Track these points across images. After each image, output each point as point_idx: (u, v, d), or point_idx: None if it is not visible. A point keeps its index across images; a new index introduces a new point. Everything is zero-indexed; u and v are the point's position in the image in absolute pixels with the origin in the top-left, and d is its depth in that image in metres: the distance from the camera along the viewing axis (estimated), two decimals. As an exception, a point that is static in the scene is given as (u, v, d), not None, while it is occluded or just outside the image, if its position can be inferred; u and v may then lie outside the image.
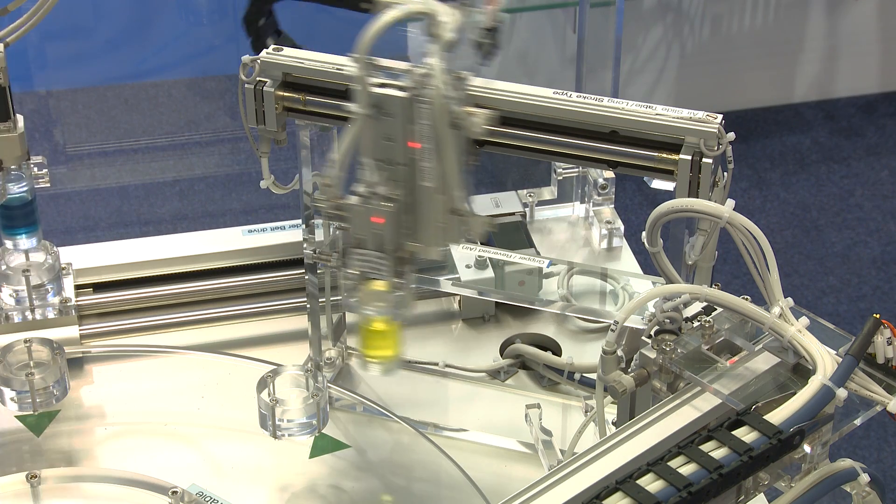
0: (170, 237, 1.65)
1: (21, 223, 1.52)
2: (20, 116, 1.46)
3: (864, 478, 1.05)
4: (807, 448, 1.01)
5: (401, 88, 1.16)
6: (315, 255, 1.40)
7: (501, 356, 1.52)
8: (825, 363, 1.03)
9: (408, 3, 1.14)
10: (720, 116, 1.19)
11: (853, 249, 3.08)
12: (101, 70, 3.23)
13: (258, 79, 1.29)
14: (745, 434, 0.98)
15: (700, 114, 1.20)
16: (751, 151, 3.38)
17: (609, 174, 1.66)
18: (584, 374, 1.46)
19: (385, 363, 1.27)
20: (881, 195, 3.25)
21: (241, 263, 1.62)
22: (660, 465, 0.95)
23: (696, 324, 1.12)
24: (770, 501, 1.04)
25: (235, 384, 1.46)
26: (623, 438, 1.04)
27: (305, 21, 1.49)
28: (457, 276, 1.48)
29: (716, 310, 1.12)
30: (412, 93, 1.16)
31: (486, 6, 1.23)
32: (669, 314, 1.11)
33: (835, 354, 1.04)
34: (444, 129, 1.16)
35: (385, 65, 1.18)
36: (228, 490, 1.35)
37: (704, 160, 1.18)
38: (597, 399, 1.11)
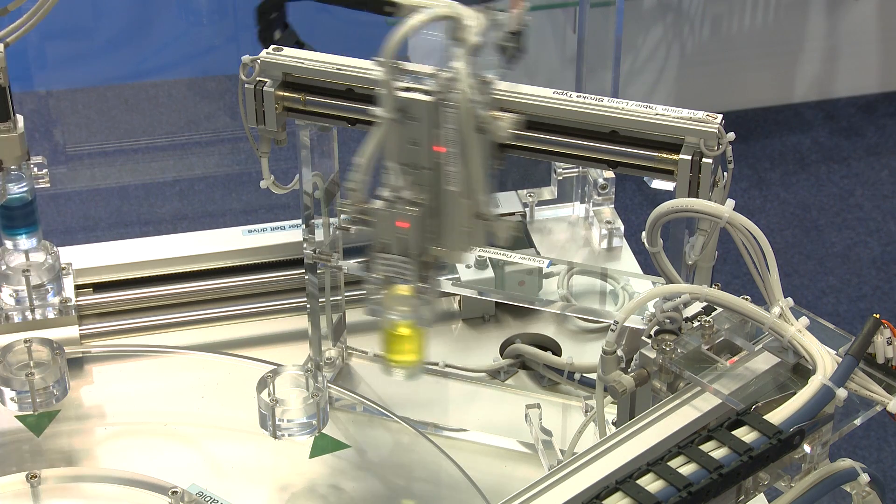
0: (170, 237, 1.65)
1: (21, 223, 1.52)
2: (20, 116, 1.46)
3: (864, 478, 1.05)
4: (807, 448, 1.01)
5: (426, 92, 1.16)
6: (315, 255, 1.40)
7: (501, 356, 1.52)
8: (825, 363, 1.03)
9: (433, 7, 1.13)
10: (720, 116, 1.19)
11: (853, 249, 3.08)
12: (101, 70, 3.23)
13: (258, 79, 1.29)
14: (745, 434, 0.98)
15: (700, 114, 1.20)
16: (751, 151, 3.38)
17: (609, 174, 1.66)
18: (584, 374, 1.46)
19: (408, 368, 1.26)
20: (881, 195, 3.25)
21: (241, 263, 1.62)
22: (660, 465, 0.95)
23: (696, 324, 1.12)
24: (770, 501, 1.04)
25: (235, 384, 1.46)
26: (623, 438, 1.04)
27: (306, 21, 1.49)
28: (457, 276, 1.48)
29: (716, 310, 1.12)
30: (438, 97, 1.15)
31: (511, 9, 1.23)
32: (669, 314, 1.11)
33: (835, 354, 1.04)
34: (470, 133, 1.15)
35: (410, 69, 1.17)
36: (228, 490, 1.35)
37: (704, 160, 1.18)
38: (597, 399, 1.11)
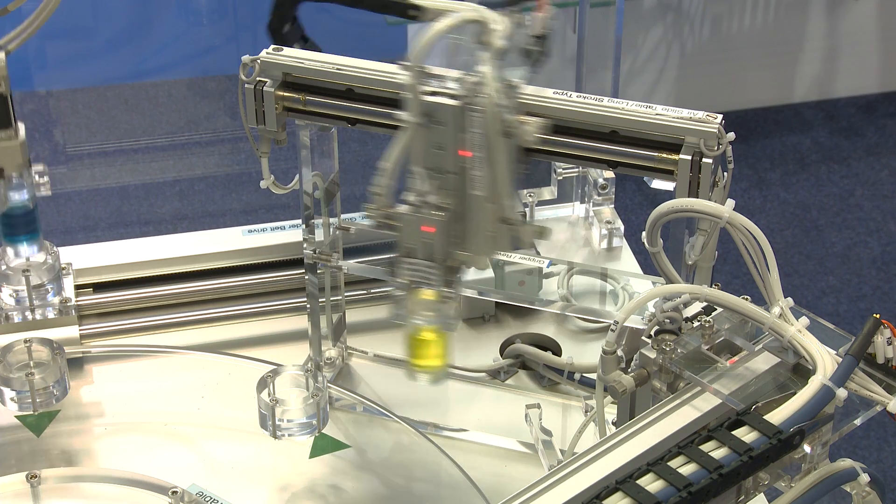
0: (170, 237, 1.65)
1: (22, 230, 1.52)
2: (21, 124, 1.46)
3: (864, 478, 1.05)
4: (807, 448, 1.01)
5: (452, 97, 1.15)
6: (315, 255, 1.40)
7: (501, 356, 1.52)
8: (825, 363, 1.03)
9: (459, 11, 1.13)
10: (720, 116, 1.19)
11: (853, 249, 3.08)
12: (101, 70, 3.23)
13: (258, 79, 1.29)
14: (745, 434, 0.98)
15: (700, 114, 1.20)
16: (751, 151, 3.38)
17: (609, 174, 1.66)
18: (584, 374, 1.46)
19: (433, 373, 1.26)
20: (881, 195, 3.25)
21: (241, 263, 1.62)
22: (660, 465, 0.95)
23: (696, 324, 1.12)
24: (770, 501, 1.04)
25: (235, 384, 1.46)
26: (623, 438, 1.03)
27: (306, 21, 1.49)
28: (457, 276, 1.48)
29: (716, 310, 1.12)
30: (464, 101, 1.15)
31: (536, 13, 1.22)
32: (669, 314, 1.11)
33: (835, 354, 1.04)
34: (496, 138, 1.15)
35: (436, 73, 1.17)
36: (228, 490, 1.35)
37: (704, 160, 1.18)
38: (597, 399, 1.11)
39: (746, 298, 1.08)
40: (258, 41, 3.03)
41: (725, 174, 1.20)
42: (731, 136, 1.19)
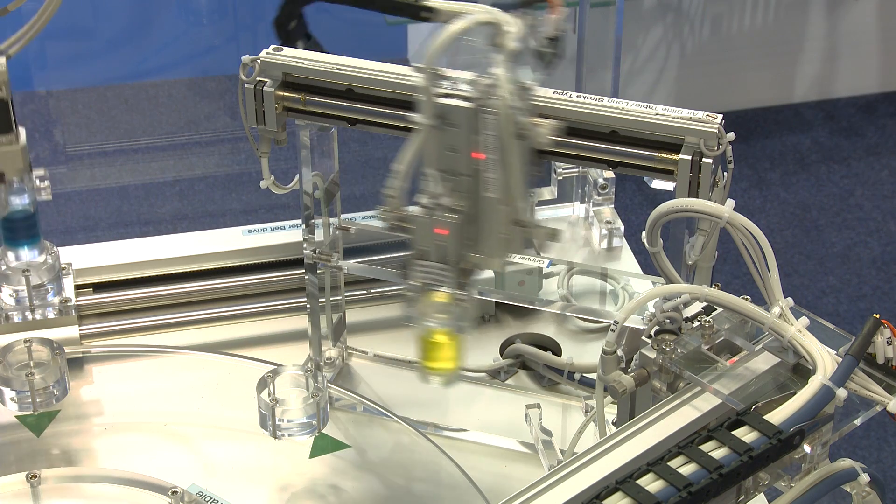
0: (170, 237, 1.65)
1: (23, 235, 1.52)
2: (22, 129, 1.46)
3: (864, 478, 1.05)
4: (807, 448, 1.01)
5: (466, 99, 1.15)
6: (315, 255, 1.40)
7: (501, 356, 1.52)
8: (825, 363, 1.03)
9: (473, 13, 1.13)
10: (720, 116, 1.19)
11: (853, 249, 3.08)
12: (101, 70, 3.23)
13: (258, 79, 1.29)
14: (745, 434, 0.98)
15: (700, 114, 1.20)
16: (751, 151, 3.38)
17: (609, 174, 1.66)
18: (584, 374, 1.46)
19: (445, 375, 1.26)
20: (881, 195, 3.25)
21: (241, 263, 1.62)
22: (660, 465, 0.95)
23: (696, 324, 1.12)
24: (770, 501, 1.04)
25: (235, 384, 1.46)
26: (623, 438, 1.03)
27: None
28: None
29: (716, 310, 1.12)
30: (477, 103, 1.14)
31: (549, 15, 1.22)
32: (669, 314, 1.11)
33: (835, 354, 1.04)
34: (510, 140, 1.15)
35: (450, 75, 1.16)
36: (228, 490, 1.35)
37: (704, 160, 1.18)
38: (597, 399, 1.11)
39: (746, 298, 1.08)
40: (258, 41, 3.03)
41: (725, 174, 1.20)
42: (731, 136, 1.19)
